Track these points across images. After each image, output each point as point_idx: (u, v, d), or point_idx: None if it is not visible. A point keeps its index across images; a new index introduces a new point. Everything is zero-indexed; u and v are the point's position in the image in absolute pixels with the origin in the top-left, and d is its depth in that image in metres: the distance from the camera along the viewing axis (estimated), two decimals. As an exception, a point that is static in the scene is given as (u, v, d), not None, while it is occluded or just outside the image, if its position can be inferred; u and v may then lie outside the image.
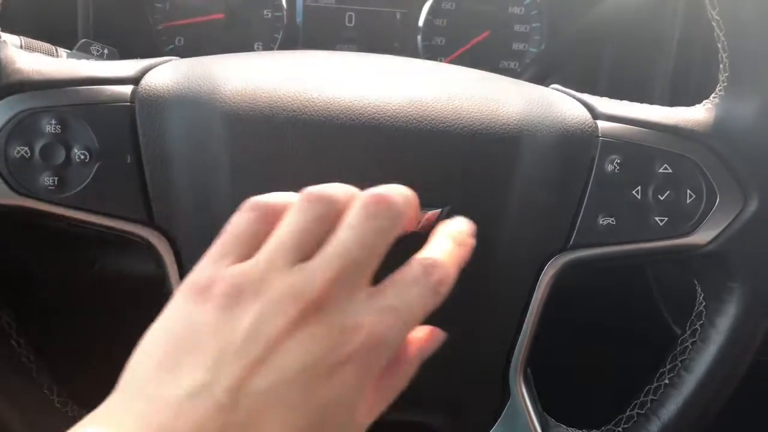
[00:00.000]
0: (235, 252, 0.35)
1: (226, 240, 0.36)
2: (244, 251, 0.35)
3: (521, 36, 0.92)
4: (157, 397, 0.31)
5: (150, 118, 0.45)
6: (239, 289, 0.33)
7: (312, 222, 0.35)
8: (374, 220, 0.35)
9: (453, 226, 0.40)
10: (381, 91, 0.46)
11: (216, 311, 0.33)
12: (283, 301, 0.33)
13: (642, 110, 0.49)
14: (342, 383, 0.33)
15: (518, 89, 0.49)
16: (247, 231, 0.36)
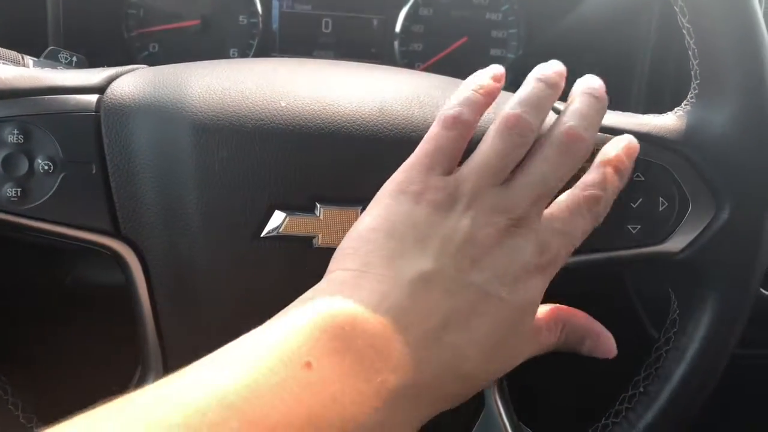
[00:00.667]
0: (441, 165, 0.40)
1: (431, 151, 0.41)
2: (447, 165, 0.41)
3: (499, 42, 0.92)
4: (391, 278, 0.36)
5: (115, 128, 0.44)
6: (455, 197, 0.39)
7: (513, 148, 0.41)
8: (567, 156, 0.41)
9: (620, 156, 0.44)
10: (351, 99, 0.45)
11: (435, 212, 0.39)
12: (494, 214, 0.39)
13: (614, 117, 0.49)
14: (534, 288, 0.39)
15: None
16: (449, 147, 0.41)
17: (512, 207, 0.40)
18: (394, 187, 0.40)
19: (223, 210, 0.44)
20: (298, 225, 0.44)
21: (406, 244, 0.38)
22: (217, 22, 0.88)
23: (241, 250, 0.44)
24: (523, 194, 0.40)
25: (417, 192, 0.39)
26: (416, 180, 0.40)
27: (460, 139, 0.41)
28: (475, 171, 0.40)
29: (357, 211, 0.44)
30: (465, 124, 0.41)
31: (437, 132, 0.41)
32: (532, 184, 0.40)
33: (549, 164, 0.41)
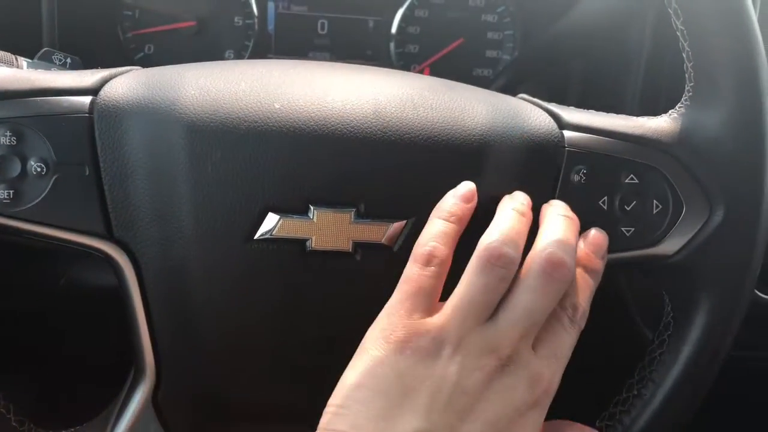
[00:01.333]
0: (422, 307, 0.40)
1: (411, 293, 0.41)
2: (428, 304, 0.40)
3: (494, 43, 0.92)
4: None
5: (109, 130, 0.44)
6: (440, 341, 0.39)
7: (496, 282, 0.40)
8: (551, 284, 0.41)
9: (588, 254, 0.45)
10: (344, 100, 0.45)
11: (421, 361, 0.38)
12: (482, 356, 0.39)
13: (608, 120, 0.48)
14: (532, 423, 0.39)
15: (484, 99, 0.48)
16: (428, 285, 0.41)
17: (500, 346, 0.39)
18: (377, 334, 0.40)
19: (216, 212, 0.44)
20: (291, 227, 0.44)
21: (393, 401, 0.37)
22: (213, 24, 0.88)
23: (235, 252, 0.44)
24: (510, 331, 0.39)
25: (401, 340, 0.39)
26: (399, 326, 0.39)
27: (437, 275, 0.41)
28: (459, 310, 0.40)
29: (350, 213, 0.44)
30: (441, 260, 0.41)
31: (414, 272, 0.41)
32: (519, 319, 0.40)
33: (534, 295, 0.40)
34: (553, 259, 0.41)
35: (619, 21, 0.73)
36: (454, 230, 0.43)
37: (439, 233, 0.42)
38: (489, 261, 0.40)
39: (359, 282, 0.45)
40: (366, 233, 0.44)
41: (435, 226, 0.43)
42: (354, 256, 0.44)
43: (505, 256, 0.40)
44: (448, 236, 0.42)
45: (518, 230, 0.42)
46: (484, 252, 0.41)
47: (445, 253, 0.42)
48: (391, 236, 0.44)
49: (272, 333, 0.46)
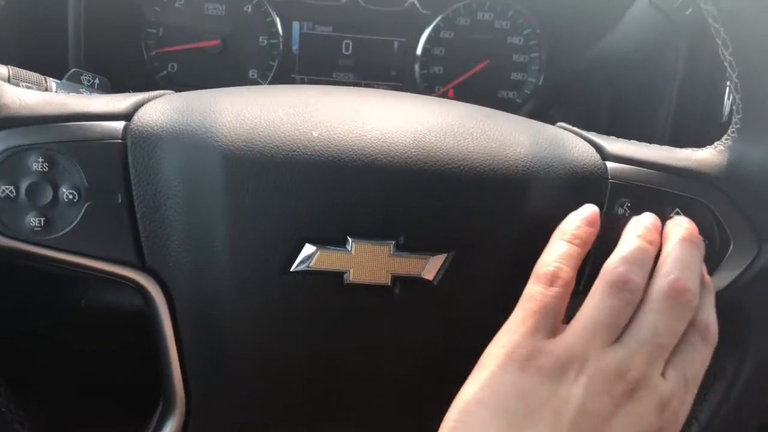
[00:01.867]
0: (546, 326, 0.39)
1: (535, 312, 0.39)
2: (551, 323, 0.39)
3: (520, 66, 0.91)
4: None
5: (142, 156, 0.43)
6: (565, 362, 0.37)
7: (623, 308, 0.39)
8: (678, 308, 0.40)
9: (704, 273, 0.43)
10: (384, 129, 0.44)
11: (545, 381, 0.37)
12: (608, 380, 0.37)
13: (652, 151, 0.47)
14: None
15: (526, 128, 0.47)
16: (552, 305, 0.40)
17: (628, 370, 0.38)
18: (498, 351, 0.39)
19: (251, 242, 0.42)
20: (328, 259, 0.42)
21: (514, 421, 0.36)
22: (237, 43, 0.87)
23: (270, 284, 0.43)
24: (637, 355, 0.38)
25: (523, 358, 0.38)
26: (522, 344, 0.38)
27: (561, 296, 0.40)
28: (585, 331, 0.39)
29: (390, 246, 0.43)
30: (565, 281, 0.40)
31: (538, 290, 0.40)
32: (645, 343, 0.39)
33: (660, 318, 0.39)
34: (677, 285, 0.40)
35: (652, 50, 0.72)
36: (578, 253, 0.42)
37: (564, 254, 0.41)
38: (616, 285, 0.40)
39: (398, 316, 0.44)
40: (405, 266, 0.43)
41: (559, 247, 0.42)
42: (392, 289, 0.43)
43: (631, 281, 0.40)
44: (572, 258, 0.41)
45: (644, 256, 0.42)
46: (610, 276, 0.40)
47: (569, 274, 0.41)
48: (431, 270, 0.43)
49: (308, 367, 0.44)
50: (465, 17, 0.90)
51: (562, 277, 0.40)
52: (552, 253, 0.42)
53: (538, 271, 0.41)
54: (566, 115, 0.85)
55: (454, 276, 0.43)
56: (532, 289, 0.41)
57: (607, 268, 0.41)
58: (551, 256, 0.42)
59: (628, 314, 0.40)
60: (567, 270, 0.41)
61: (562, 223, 0.43)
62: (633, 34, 0.68)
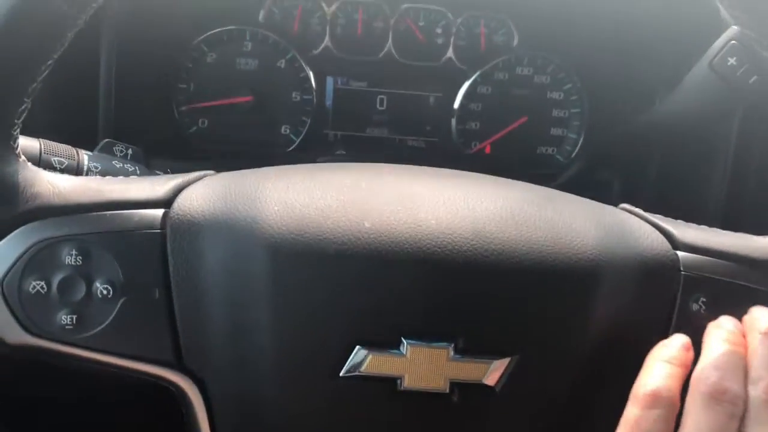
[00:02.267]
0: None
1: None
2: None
3: (560, 121, 0.88)
4: None
5: (182, 247, 0.40)
6: None
7: (727, 422, 0.36)
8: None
9: None
10: (440, 218, 0.41)
11: None
12: None
13: (727, 239, 0.44)
14: None
15: (590, 214, 0.44)
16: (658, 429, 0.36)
17: None
18: None
19: (298, 343, 0.39)
20: (381, 364, 0.39)
21: None
22: (270, 99, 0.84)
23: (318, 389, 0.39)
24: None
25: None
26: None
27: (665, 420, 0.36)
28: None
29: (449, 349, 0.39)
30: (669, 402, 0.37)
31: (634, 413, 0.37)
32: None
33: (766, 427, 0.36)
34: None
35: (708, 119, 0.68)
36: (680, 374, 0.38)
37: (666, 374, 0.38)
38: (713, 396, 0.36)
39: (457, 426, 0.40)
40: (465, 372, 0.39)
41: (659, 367, 0.38)
42: (451, 396, 0.40)
43: (729, 390, 0.36)
44: (675, 378, 0.38)
45: (736, 360, 0.38)
46: (701, 387, 0.37)
47: (674, 395, 0.37)
48: (493, 375, 0.40)
49: None
50: (503, 72, 0.87)
51: (666, 399, 0.37)
52: (651, 373, 0.38)
53: (636, 391, 0.37)
54: (613, 178, 0.81)
55: (518, 382, 0.39)
56: (629, 412, 0.37)
57: (699, 378, 0.37)
58: (651, 377, 0.38)
59: (733, 428, 0.36)
60: (672, 391, 0.37)
61: (655, 348, 0.39)
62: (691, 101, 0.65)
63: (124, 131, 0.74)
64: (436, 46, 0.86)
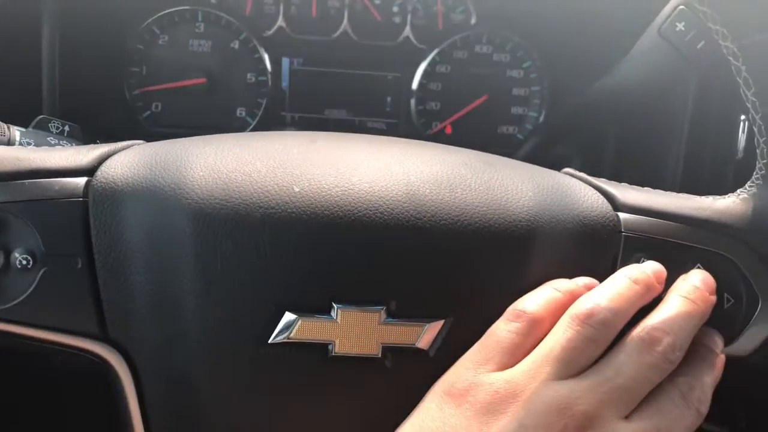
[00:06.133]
0: (495, 359, 0.36)
1: (487, 346, 0.37)
2: (505, 360, 0.36)
3: (520, 100, 0.88)
4: None
5: (105, 216, 0.39)
6: (504, 396, 0.35)
7: (583, 342, 0.36)
8: (650, 356, 0.36)
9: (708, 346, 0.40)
10: (373, 182, 0.40)
11: (478, 417, 0.34)
12: (549, 414, 0.34)
13: (669, 200, 0.43)
14: None
15: (529, 176, 0.43)
16: (510, 340, 0.37)
17: (573, 404, 0.34)
18: (439, 387, 0.37)
19: (225, 311, 0.38)
20: (312, 329, 0.38)
21: None
22: (224, 81, 0.83)
23: (247, 357, 0.38)
24: (590, 391, 0.35)
25: (459, 393, 0.35)
26: (463, 378, 0.36)
27: (521, 333, 0.37)
28: (534, 363, 0.36)
29: (380, 312, 0.38)
30: (530, 318, 0.37)
31: (498, 326, 0.37)
32: (604, 380, 0.35)
33: (627, 359, 0.36)
34: (654, 334, 0.37)
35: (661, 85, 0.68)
36: (559, 299, 0.38)
37: (542, 296, 0.38)
38: (577, 317, 0.37)
39: (389, 392, 0.39)
40: (397, 335, 0.38)
41: (540, 291, 0.39)
42: (383, 361, 0.39)
43: (594, 315, 0.37)
44: (550, 301, 0.38)
45: (622, 295, 0.38)
46: (572, 309, 0.37)
47: (537, 313, 0.37)
48: (426, 338, 0.39)
49: None
50: (462, 51, 0.86)
51: (529, 315, 0.37)
52: (530, 294, 0.39)
53: (509, 308, 0.38)
54: (571, 154, 0.81)
55: (452, 345, 0.38)
56: (494, 325, 0.38)
57: (576, 303, 0.38)
58: (527, 296, 0.39)
59: (590, 352, 0.36)
60: (535, 309, 0.38)
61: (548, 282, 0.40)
62: (641, 68, 0.64)
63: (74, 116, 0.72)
64: (393, 25, 0.85)
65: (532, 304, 0.38)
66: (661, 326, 0.37)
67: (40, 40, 0.71)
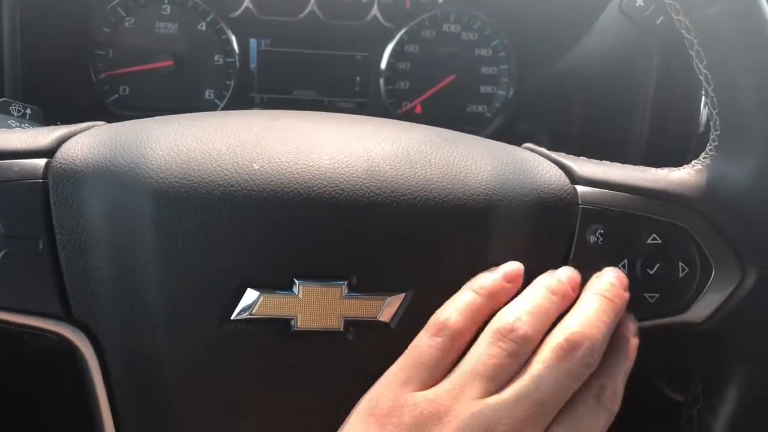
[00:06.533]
0: (418, 378, 0.36)
1: (410, 363, 0.37)
2: (428, 377, 0.37)
3: (489, 79, 0.88)
4: None
5: (66, 197, 0.39)
6: (428, 417, 0.35)
7: (505, 358, 0.36)
8: (568, 363, 0.36)
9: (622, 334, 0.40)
10: (333, 158, 0.40)
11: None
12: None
13: (625, 172, 0.44)
14: None
15: (488, 152, 0.43)
16: (431, 356, 0.37)
17: (497, 423, 0.35)
18: (363, 406, 0.37)
19: (187, 289, 0.38)
20: (273, 305, 0.38)
21: None
22: (191, 63, 0.83)
23: (209, 335, 0.39)
24: (513, 408, 0.35)
25: (384, 414, 0.35)
26: (387, 397, 0.36)
27: (445, 348, 0.37)
28: (457, 382, 0.36)
29: (341, 287, 0.39)
30: (453, 332, 0.37)
31: (421, 341, 0.37)
32: (525, 395, 0.35)
33: (546, 371, 0.36)
34: (572, 338, 0.37)
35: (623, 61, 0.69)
36: (480, 304, 0.38)
37: (463, 304, 0.38)
38: (499, 332, 0.37)
39: (352, 365, 0.40)
40: (359, 309, 0.39)
41: (461, 296, 0.39)
42: (345, 335, 0.39)
43: (515, 330, 0.37)
44: (471, 309, 0.38)
45: (541, 307, 0.38)
46: (494, 324, 0.38)
47: (460, 325, 0.37)
48: (387, 312, 0.39)
49: (254, 424, 0.40)
50: (430, 30, 0.87)
51: (450, 328, 0.37)
52: (451, 302, 0.39)
53: (430, 320, 0.38)
54: (537, 131, 0.81)
55: (413, 318, 0.39)
56: (418, 338, 0.38)
57: (498, 316, 0.38)
58: (448, 306, 0.38)
59: (512, 366, 0.37)
60: (458, 320, 0.38)
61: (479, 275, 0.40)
62: (603, 44, 0.65)
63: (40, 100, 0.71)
64: (360, 4, 0.85)
65: (454, 315, 0.38)
66: (579, 330, 0.37)
67: (0, 23, 0.71)
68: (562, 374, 0.36)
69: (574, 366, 0.37)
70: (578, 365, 0.37)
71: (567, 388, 0.37)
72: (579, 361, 0.37)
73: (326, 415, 0.39)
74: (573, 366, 0.37)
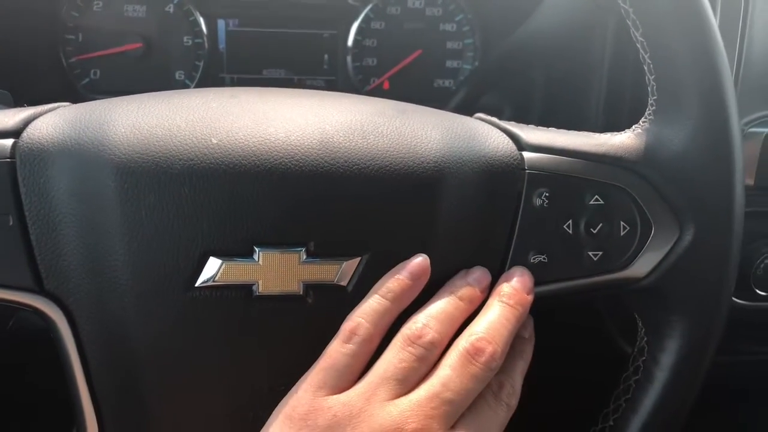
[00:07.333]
0: (332, 382, 0.39)
1: (324, 368, 0.39)
2: (341, 383, 0.39)
3: (454, 53, 0.90)
4: None
5: (33, 175, 0.41)
6: (341, 419, 0.37)
7: (414, 362, 0.39)
8: (472, 367, 0.39)
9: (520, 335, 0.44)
10: (288, 131, 0.42)
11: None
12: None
13: (569, 138, 0.46)
14: None
15: (438, 122, 0.46)
16: (344, 363, 0.39)
17: (405, 423, 0.37)
18: (280, 410, 0.39)
19: (152, 260, 0.40)
20: (235, 272, 0.41)
21: None
22: (161, 45, 0.84)
23: (175, 302, 0.41)
24: (419, 407, 0.38)
25: (299, 417, 0.38)
26: (301, 402, 0.38)
27: (355, 354, 0.39)
28: (369, 386, 0.38)
29: (299, 253, 0.41)
30: (362, 338, 0.40)
31: (333, 347, 0.40)
32: (430, 396, 0.38)
33: (452, 373, 0.39)
34: (477, 344, 0.40)
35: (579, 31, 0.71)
36: (385, 308, 0.41)
37: (370, 310, 0.40)
38: (408, 338, 0.40)
39: (312, 326, 0.42)
40: (317, 274, 0.41)
41: (369, 301, 0.41)
42: (305, 298, 0.42)
43: (423, 336, 0.40)
44: (378, 314, 0.40)
45: (448, 313, 0.41)
46: (404, 330, 0.40)
47: (369, 331, 0.40)
48: (344, 275, 0.41)
49: (220, 386, 0.42)
50: (395, 6, 0.88)
51: (359, 334, 0.40)
52: (360, 307, 0.41)
53: (342, 325, 0.40)
54: (501, 104, 0.84)
55: (369, 281, 0.41)
56: (331, 344, 0.40)
57: (407, 323, 0.41)
58: (357, 311, 0.41)
59: (421, 370, 0.39)
60: (366, 327, 0.40)
61: (381, 279, 0.42)
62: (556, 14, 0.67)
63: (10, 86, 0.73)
64: (325, -18, 0.86)
65: (362, 322, 0.40)
66: (484, 336, 0.40)
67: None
68: (467, 377, 0.39)
69: (479, 370, 0.39)
70: (482, 369, 0.39)
71: (472, 389, 0.39)
72: (483, 365, 0.39)
73: (287, 372, 0.41)
74: (477, 370, 0.39)
